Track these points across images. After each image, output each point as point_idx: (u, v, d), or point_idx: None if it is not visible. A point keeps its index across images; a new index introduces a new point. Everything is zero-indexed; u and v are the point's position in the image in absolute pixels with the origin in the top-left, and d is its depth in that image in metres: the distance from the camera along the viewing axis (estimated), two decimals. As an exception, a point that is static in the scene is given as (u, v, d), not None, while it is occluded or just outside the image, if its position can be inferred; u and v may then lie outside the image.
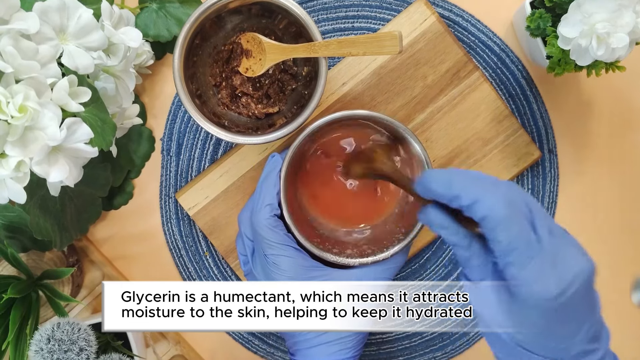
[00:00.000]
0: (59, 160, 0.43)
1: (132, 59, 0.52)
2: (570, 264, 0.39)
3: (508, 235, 0.38)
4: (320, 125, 0.51)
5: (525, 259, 0.38)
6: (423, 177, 0.42)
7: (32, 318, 0.55)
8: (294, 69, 0.58)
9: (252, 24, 0.57)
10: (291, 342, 0.52)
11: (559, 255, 0.39)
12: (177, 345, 0.64)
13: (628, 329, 0.64)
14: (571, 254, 0.39)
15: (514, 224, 0.38)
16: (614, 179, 0.64)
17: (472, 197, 0.39)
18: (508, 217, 0.38)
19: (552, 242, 0.39)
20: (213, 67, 0.58)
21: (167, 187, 0.64)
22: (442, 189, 0.40)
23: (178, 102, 0.63)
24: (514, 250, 0.38)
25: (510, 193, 0.39)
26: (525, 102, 0.63)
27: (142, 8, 0.59)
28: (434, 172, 0.42)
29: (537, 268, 0.38)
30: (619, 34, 0.48)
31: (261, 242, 0.51)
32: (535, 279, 0.38)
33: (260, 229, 0.50)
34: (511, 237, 0.38)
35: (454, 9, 0.62)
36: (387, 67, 0.60)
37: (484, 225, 0.39)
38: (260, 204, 0.51)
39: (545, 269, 0.38)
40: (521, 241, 0.38)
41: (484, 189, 0.39)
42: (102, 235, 0.65)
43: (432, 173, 0.41)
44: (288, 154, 0.51)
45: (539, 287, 0.37)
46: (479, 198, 0.38)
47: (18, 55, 0.40)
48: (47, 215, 0.53)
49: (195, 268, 0.64)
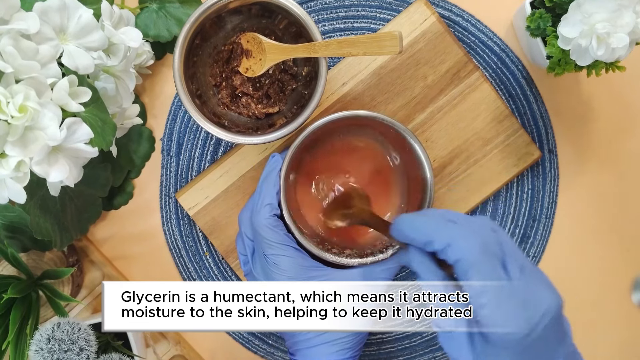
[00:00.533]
0: (59, 160, 0.43)
1: (132, 59, 0.52)
2: (539, 301, 0.39)
3: (480, 278, 0.39)
4: (320, 125, 0.51)
5: (495, 301, 0.39)
6: (396, 222, 0.43)
7: (32, 318, 0.55)
8: (294, 69, 0.58)
9: (252, 24, 0.57)
10: (291, 342, 0.52)
11: (529, 293, 0.39)
12: (177, 345, 0.64)
13: (628, 329, 0.64)
14: (540, 290, 0.40)
15: (486, 266, 0.39)
16: (614, 179, 0.64)
17: (444, 242, 0.40)
18: (479, 260, 0.39)
19: (522, 281, 0.40)
20: (213, 67, 0.58)
21: (167, 187, 0.64)
22: (415, 234, 0.42)
23: (178, 102, 0.63)
24: (485, 293, 0.39)
25: (482, 233, 0.40)
26: (526, 102, 0.63)
27: (142, 8, 0.59)
28: (406, 217, 0.43)
29: (507, 309, 0.39)
30: (619, 34, 0.48)
31: (261, 242, 0.51)
32: (506, 320, 0.38)
33: (260, 228, 0.50)
34: (483, 279, 0.39)
35: (454, 9, 0.62)
36: (387, 67, 0.60)
37: (457, 268, 0.40)
38: (260, 203, 0.51)
39: (516, 309, 0.38)
40: (492, 283, 0.39)
41: (456, 232, 0.40)
42: (102, 235, 0.65)
43: (404, 219, 0.43)
44: (288, 154, 0.51)
45: (510, 328, 0.38)
46: (452, 242, 0.40)
47: (18, 55, 0.40)
48: (47, 215, 0.53)
49: (195, 268, 0.64)
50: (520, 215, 0.64)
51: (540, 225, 0.64)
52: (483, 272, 0.39)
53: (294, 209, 0.55)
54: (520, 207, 0.64)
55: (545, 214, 0.64)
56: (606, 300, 0.64)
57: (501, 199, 0.64)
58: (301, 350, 0.51)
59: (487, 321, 0.39)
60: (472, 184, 0.61)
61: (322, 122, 0.51)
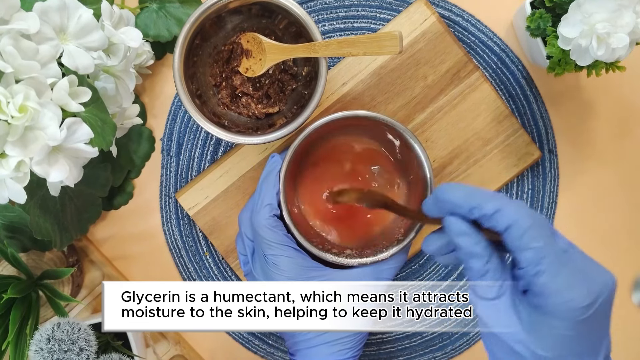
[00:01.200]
0: (59, 160, 0.43)
1: (132, 59, 0.52)
2: (597, 276, 0.38)
3: (537, 243, 0.37)
4: (320, 125, 0.51)
5: (556, 267, 0.37)
6: (439, 189, 0.41)
7: (32, 318, 0.55)
8: (294, 69, 0.58)
9: (252, 24, 0.57)
10: (291, 342, 0.52)
11: (586, 264, 0.38)
12: (177, 345, 0.64)
13: (628, 329, 0.64)
14: (596, 266, 0.39)
15: (542, 232, 0.37)
16: (614, 179, 0.64)
17: (494, 207, 0.38)
18: (534, 225, 0.37)
19: (577, 253, 0.39)
20: (213, 67, 0.58)
21: (167, 187, 0.64)
22: (461, 199, 0.39)
23: (178, 102, 0.63)
24: (544, 259, 0.37)
25: (527, 206, 0.39)
26: (526, 102, 0.63)
27: (142, 8, 0.59)
28: (450, 184, 0.42)
29: (568, 277, 0.37)
30: (619, 34, 0.48)
31: (261, 242, 0.51)
32: (566, 288, 0.37)
33: (260, 229, 0.50)
34: (540, 244, 0.37)
35: (454, 9, 0.62)
36: (387, 67, 0.60)
37: (508, 234, 0.38)
38: (260, 204, 0.51)
39: (576, 278, 0.37)
40: (550, 250, 0.37)
41: (505, 199, 0.39)
42: (102, 235, 0.65)
43: (449, 185, 0.41)
44: (288, 154, 0.51)
45: (570, 296, 0.37)
46: (502, 207, 0.38)
47: (18, 55, 0.40)
48: (47, 215, 0.53)
49: (195, 268, 0.64)
50: (520, 215, 0.64)
51: (540, 225, 0.64)
52: (540, 238, 0.37)
53: (294, 209, 0.55)
54: (520, 207, 0.64)
55: (545, 214, 0.64)
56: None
57: (501, 199, 0.64)
58: (301, 351, 0.51)
59: (546, 289, 0.37)
60: (473, 184, 0.61)
61: (322, 122, 0.51)
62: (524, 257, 0.37)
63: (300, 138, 0.51)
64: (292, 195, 0.56)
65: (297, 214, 0.55)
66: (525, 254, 0.37)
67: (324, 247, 0.53)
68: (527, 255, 0.37)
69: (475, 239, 0.39)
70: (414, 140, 0.52)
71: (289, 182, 0.53)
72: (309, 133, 0.51)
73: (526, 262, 0.37)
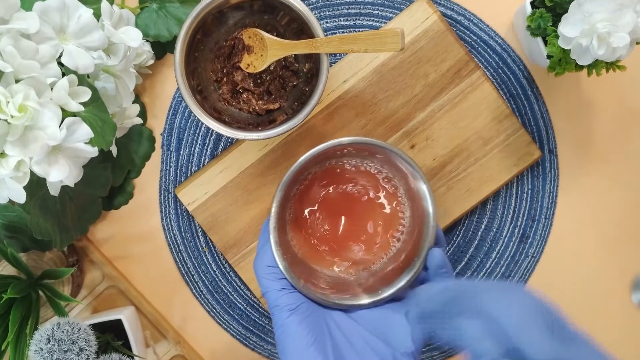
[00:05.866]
0: (59, 160, 0.43)
1: (132, 59, 0.52)
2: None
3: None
4: (305, 160, 0.48)
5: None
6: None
7: (32, 318, 0.55)
8: (296, 65, 0.58)
9: (254, 20, 0.57)
10: None
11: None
12: (177, 345, 0.64)
13: (628, 329, 0.64)
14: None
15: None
16: (614, 179, 0.64)
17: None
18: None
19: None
20: (214, 63, 0.58)
21: (166, 182, 0.64)
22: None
23: (179, 98, 0.63)
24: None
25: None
26: (526, 101, 0.63)
27: (142, 8, 0.59)
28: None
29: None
30: (620, 33, 0.48)
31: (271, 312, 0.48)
32: None
33: (267, 304, 0.48)
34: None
35: (456, 8, 0.62)
36: (389, 65, 0.60)
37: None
38: (260, 267, 0.49)
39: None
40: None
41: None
42: (102, 235, 0.64)
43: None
44: (272, 211, 0.48)
45: None
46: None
47: (18, 55, 0.40)
48: (47, 215, 0.52)
49: (193, 264, 0.64)
50: (520, 216, 0.64)
51: (540, 225, 0.64)
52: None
53: (293, 257, 0.51)
54: (519, 207, 0.64)
55: (545, 214, 0.64)
56: (606, 300, 0.64)
57: (501, 198, 0.64)
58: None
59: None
60: (472, 183, 0.61)
61: (307, 157, 0.48)
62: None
63: (284, 182, 0.48)
64: (288, 241, 0.52)
65: (300, 260, 0.52)
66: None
67: (338, 292, 0.49)
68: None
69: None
70: (404, 158, 0.49)
71: (284, 241, 0.50)
72: (294, 172, 0.48)
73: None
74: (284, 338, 0.46)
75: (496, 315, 0.34)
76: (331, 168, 0.52)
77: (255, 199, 0.61)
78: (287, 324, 0.46)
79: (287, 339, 0.45)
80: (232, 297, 0.65)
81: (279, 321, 0.46)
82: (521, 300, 0.34)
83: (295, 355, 0.45)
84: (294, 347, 0.45)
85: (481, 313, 0.34)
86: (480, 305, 0.35)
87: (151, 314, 0.64)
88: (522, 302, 0.34)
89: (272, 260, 0.48)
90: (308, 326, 0.46)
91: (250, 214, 0.61)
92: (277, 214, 0.48)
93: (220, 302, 0.65)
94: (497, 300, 0.34)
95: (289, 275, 0.47)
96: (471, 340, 0.34)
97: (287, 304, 0.47)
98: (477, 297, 0.35)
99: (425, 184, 0.48)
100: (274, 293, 0.47)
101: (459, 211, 0.61)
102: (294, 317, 0.46)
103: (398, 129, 0.60)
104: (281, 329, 0.46)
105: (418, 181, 0.49)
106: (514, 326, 0.33)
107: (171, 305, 0.65)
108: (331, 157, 0.51)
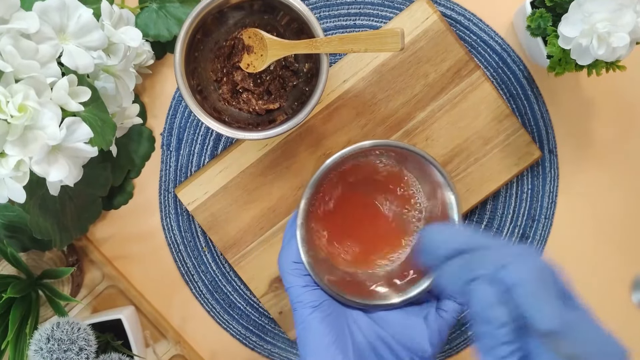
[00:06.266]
0: (59, 159, 0.43)
1: (132, 59, 0.52)
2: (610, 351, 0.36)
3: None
4: (338, 158, 0.48)
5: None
6: (425, 237, 0.39)
7: (32, 318, 0.55)
8: (295, 65, 0.58)
9: (253, 20, 0.57)
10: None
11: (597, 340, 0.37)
12: (177, 345, 0.64)
13: (628, 329, 0.64)
14: (608, 339, 0.37)
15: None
16: (614, 179, 0.64)
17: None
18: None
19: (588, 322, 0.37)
20: (214, 63, 0.58)
21: (166, 182, 0.64)
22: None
23: (179, 97, 0.63)
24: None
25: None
26: (526, 101, 0.63)
27: (142, 8, 0.59)
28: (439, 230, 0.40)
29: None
30: (620, 33, 0.48)
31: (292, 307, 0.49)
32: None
33: (290, 300, 0.49)
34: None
35: (456, 8, 0.62)
36: (389, 65, 0.60)
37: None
38: (286, 264, 0.49)
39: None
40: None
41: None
42: (102, 235, 0.64)
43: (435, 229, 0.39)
44: (300, 208, 0.48)
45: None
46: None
47: (18, 54, 0.40)
48: (47, 215, 0.52)
49: (193, 264, 0.64)
50: (520, 215, 0.64)
51: (540, 225, 0.64)
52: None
53: (317, 255, 0.51)
54: (519, 207, 0.64)
55: (545, 214, 0.64)
56: (606, 300, 0.64)
57: (501, 198, 0.64)
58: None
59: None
60: (472, 183, 0.61)
61: (337, 157, 0.48)
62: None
63: (309, 187, 0.48)
64: (315, 239, 0.52)
65: (324, 258, 0.52)
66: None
67: (364, 294, 0.50)
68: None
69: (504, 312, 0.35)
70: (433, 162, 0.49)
71: (310, 240, 0.50)
72: (317, 180, 0.48)
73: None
74: (305, 334, 0.46)
75: (509, 283, 0.34)
76: (357, 167, 0.53)
77: (255, 198, 0.61)
78: (309, 321, 0.47)
79: (308, 335, 0.46)
80: (232, 297, 0.65)
81: (300, 317, 0.47)
82: (535, 270, 0.35)
83: (316, 352, 0.45)
84: (315, 344, 0.46)
85: (494, 280, 0.35)
86: (494, 273, 0.35)
87: (151, 314, 0.64)
88: (536, 272, 0.35)
89: (297, 256, 0.48)
90: (330, 324, 0.47)
91: (250, 213, 0.61)
92: (305, 211, 0.49)
93: (220, 301, 0.65)
94: (511, 268, 0.35)
95: (312, 272, 0.48)
96: (482, 306, 0.35)
97: (310, 300, 0.47)
98: (492, 260, 0.36)
99: (453, 194, 0.49)
100: (298, 289, 0.48)
101: (462, 211, 0.61)
102: (316, 314, 0.47)
103: (398, 129, 0.60)
104: (302, 325, 0.47)
105: (446, 189, 0.50)
106: (526, 296, 0.34)
107: (171, 305, 0.65)
108: (358, 156, 0.52)
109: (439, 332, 0.47)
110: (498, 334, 0.34)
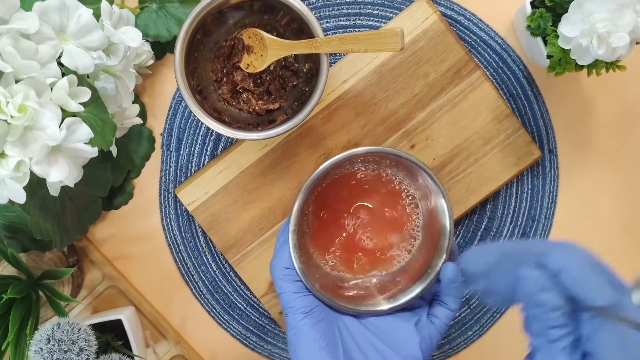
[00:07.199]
0: (59, 160, 0.43)
1: (132, 59, 0.52)
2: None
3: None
4: (328, 166, 0.49)
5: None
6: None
7: (32, 318, 0.55)
8: (295, 65, 0.58)
9: (253, 20, 0.57)
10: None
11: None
12: (177, 345, 0.63)
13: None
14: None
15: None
16: (614, 179, 0.64)
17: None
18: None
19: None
20: (214, 63, 0.58)
21: (166, 182, 0.64)
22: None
23: (179, 98, 0.63)
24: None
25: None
26: (526, 101, 0.63)
27: (142, 8, 0.59)
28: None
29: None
30: (620, 33, 0.48)
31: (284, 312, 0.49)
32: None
33: (281, 305, 0.49)
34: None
35: (456, 8, 0.62)
36: (389, 65, 0.60)
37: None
38: (277, 268, 0.49)
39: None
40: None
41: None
42: (102, 235, 0.64)
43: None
44: (293, 214, 0.49)
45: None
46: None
47: (18, 55, 0.40)
48: (47, 215, 0.52)
49: (193, 264, 0.64)
50: (520, 215, 0.64)
51: (540, 225, 0.64)
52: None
53: (309, 261, 0.51)
54: (519, 207, 0.64)
55: (545, 214, 0.64)
56: (606, 300, 0.64)
57: (500, 198, 0.64)
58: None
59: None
60: (472, 183, 0.61)
61: (329, 164, 0.49)
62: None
63: (303, 193, 0.48)
64: (307, 243, 0.53)
65: (314, 262, 0.52)
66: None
67: (355, 299, 0.50)
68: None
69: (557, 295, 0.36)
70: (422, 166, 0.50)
71: (301, 245, 0.50)
72: (315, 179, 0.49)
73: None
74: (296, 340, 0.47)
75: (554, 268, 0.35)
76: (350, 174, 0.53)
77: (255, 198, 0.61)
78: (300, 326, 0.47)
79: (299, 341, 0.47)
80: (232, 297, 0.65)
81: (292, 322, 0.47)
82: (578, 254, 0.36)
83: (307, 357, 0.46)
84: (306, 350, 0.46)
85: (538, 267, 0.36)
86: (537, 260, 0.36)
87: (151, 314, 0.64)
88: (577, 256, 0.36)
89: (289, 262, 0.49)
90: (321, 330, 0.47)
91: (250, 214, 0.61)
92: (297, 217, 0.49)
93: (220, 302, 0.65)
94: (554, 255, 0.36)
95: (304, 278, 0.48)
96: (531, 291, 0.36)
97: (302, 306, 0.48)
98: (532, 252, 0.36)
99: (445, 200, 0.49)
100: (289, 295, 0.48)
101: (459, 211, 0.61)
102: (308, 320, 0.47)
103: (398, 129, 0.60)
104: (294, 331, 0.47)
105: (438, 196, 0.50)
106: (573, 277, 0.35)
107: (171, 305, 0.65)
108: (351, 162, 0.52)
109: (430, 338, 0.48)
110: (550, 318, 0.35)
